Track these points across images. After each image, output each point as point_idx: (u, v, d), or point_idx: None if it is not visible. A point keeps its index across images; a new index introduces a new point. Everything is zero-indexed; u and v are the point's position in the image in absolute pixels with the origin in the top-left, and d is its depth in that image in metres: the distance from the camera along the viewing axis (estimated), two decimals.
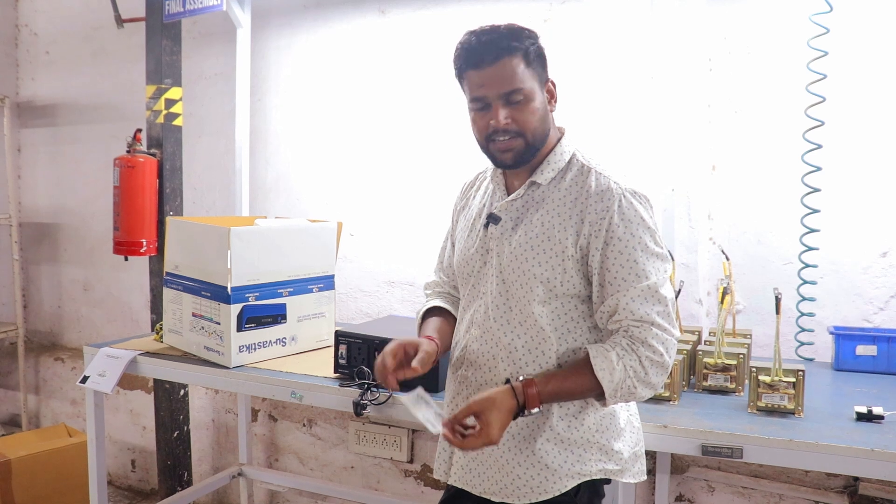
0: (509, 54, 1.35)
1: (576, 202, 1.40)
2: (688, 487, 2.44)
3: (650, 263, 1.35)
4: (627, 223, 1.35)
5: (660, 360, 1.34)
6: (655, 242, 1.37)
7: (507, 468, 1.43)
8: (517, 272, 1.42)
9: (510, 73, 1.35)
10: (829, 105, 2.18)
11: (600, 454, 1.43)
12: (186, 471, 3.22)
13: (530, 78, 1.38)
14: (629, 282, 1.34)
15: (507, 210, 1.47)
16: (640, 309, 1.34)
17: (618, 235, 1.35)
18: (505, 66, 1.35)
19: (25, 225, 3.96)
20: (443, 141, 2.80)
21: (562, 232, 1.39)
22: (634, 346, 1.33)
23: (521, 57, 1.36)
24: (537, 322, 1.40)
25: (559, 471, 1.41)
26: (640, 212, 1.37)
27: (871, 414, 1.68)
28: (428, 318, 1.64)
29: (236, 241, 2.11)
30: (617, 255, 1.35)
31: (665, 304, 1.35)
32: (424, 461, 2.89)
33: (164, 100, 3.00)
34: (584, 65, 2.54)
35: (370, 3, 2.93)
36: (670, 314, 1.36)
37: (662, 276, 1.36)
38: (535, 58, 1.38)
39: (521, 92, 1.37)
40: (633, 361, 1.33)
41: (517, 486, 1.42)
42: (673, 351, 1.36)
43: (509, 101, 1.37)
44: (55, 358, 3.91)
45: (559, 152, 1.45)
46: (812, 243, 2.24)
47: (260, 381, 2.10)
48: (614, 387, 1.33)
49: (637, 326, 1.34)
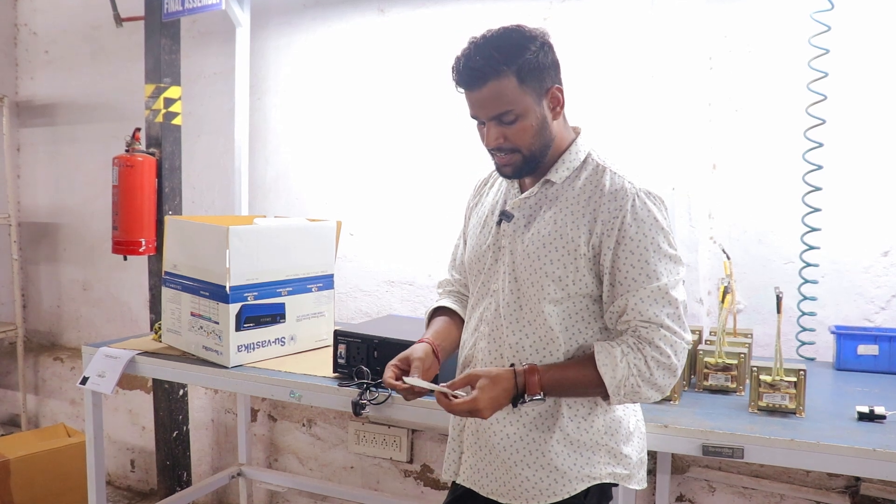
0: (497, 78, 1.32)
1: (589, 201, 1.38)
2: (688, 487, 2.44)
3: (662, 264, 1.34)
4: (640, 223, 1.34)
5: (666, 362, 1.32)
6: (669, 244, 1.36)
7: (516, 470, 1.42)
8: (529, 270, 1.41)
9: (498, 96, 1.33)
10: (830, 103, 2.17)
11: (609, 457, 1.43)
12: (186, 471, 3.22)
13: (523, 95, 1.34)
14: (639, 282, 1.33)
15: (520, 207, 1.46)
16: (650, 310, 1.33)
17: (630, 235, 1.34)
18: (492, 89, 1.33)
19: (24, 224, 3.95)
20: (442, 140, 2.79)
21: (574, 230, 1.37)
22: (641, 345, 1.33)
23: (512, 77, 1.32)
24: (547, 321, 1.40)
25: (568, 473, 1.40)
26: (653, 212, 1.35)
27: (872, 414, 1.68)
28: (434, 318, 1.65)
29: (235, 240, 2.10)
30: (628, 254, 1.34)
31: (676, 306, 1.34)
32: (424, 461, 2.89)
33: (163, 99, 3.00)
34: (584, 63, 2.53)
35: (369, 1, 2.92)
36: (681, 317, 1.35)
37: (674, 278, 1.35)
38: (530, 72, 1.33)
39: (512, 112, 1.34)
40: (637, 360, 1.32)
41: (525, 487, 1.42)
42: (682, 354, 1.35)
43: (501, 121, 1.36)
44: (54, 358, 3.90)
45: (574, 151, 1.44)
46: (813, 242, 2.23)
47: (259, 380, 2.09)
48: (617, 383, 1.32)
49: (645, 327, 1.33)
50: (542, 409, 1.41)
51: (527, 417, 1.42)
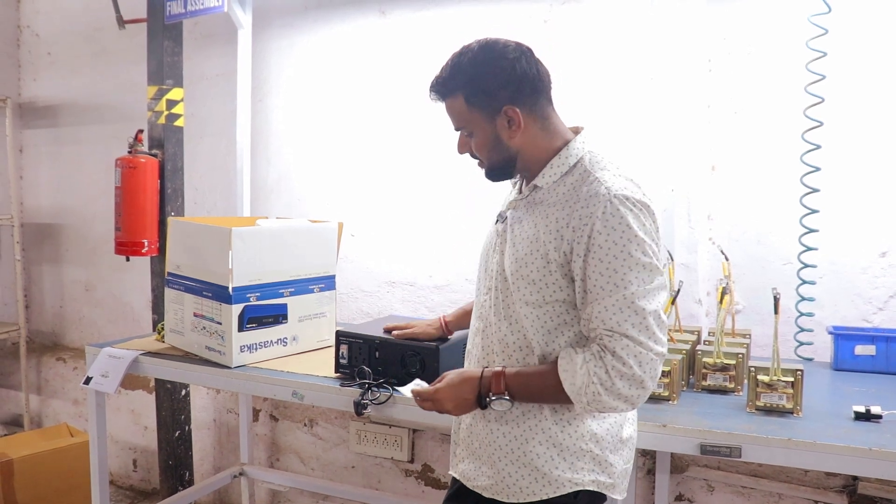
0: (450, 96, 1.45)
1: (565, 206, 1.38)
2: (687, 487, 2.45)
3: (632, 273, 1.31)
4: (610, 231, 1.31)
5: (629, 373, 1.30)
6: (643, 252, 1.31)
7: (499, 465, 1.46)
8: (512, 269, 1.43)
9: (454, 112, 1.47)
10: (827, 106, 2.19)
11: (594, 464, 1.43)
12: (188, 470, 3.23)
13: (472, 114, 1.43)
14: (606, 290, 1.31)
15: (512, 209, 1.50)
16: (612, 319, 1.31)
17: (598, 243, 1.32)
18: (449, 106, 1.47)
19: (27, 225, 3.97)
20: (443, 142, 2.79)
21: (547, 235, 1.38)
22: (603, 353, 1.32)
23: (460, 97, 1.43)
24: (522, 323, 1.42)
25: (549, 475, 1.42)
26: (626, 219, 1.31)
27: (869, 413, 1.69)
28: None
29: (238, 241, 2.12)
30: (597, 262, 1.32)
31: (643, 315, 1.30)
32: (425, 461, 2.90)
33: (165, 100, 3.01)
34: (583, 65, 2.55)
35: (371, 3, 2.94)
36: (649, 327, 1.31)
37: (644, 287, 1.31)
38: (478, 94, 1.41)
39: (467, 129, 1.47)
40: (598, 368, 1.31)
41: (507, 484, 1.45)
42: (649, 365, 1.31)
43: (463, 134, 1.49)
44: (57, 358, 3.92)
45: (564, 156, 1.43)
46: (811, 243, 2.25)
47: (261, 380, 2.11)
48: (577, 390, 1.33)
49: (609, 336, 1.31)
50: (526, 409, 1.43)
51: (510, 416, 1.45)
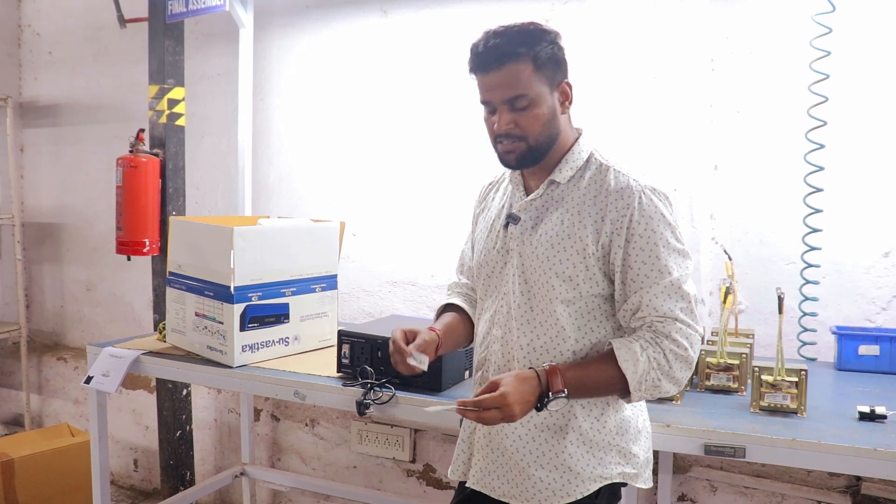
0: (515, 60, 1.35)
1: (595, 200, 1.39)
2: (690, 487, 2.44)
3: (672, 259, 1.36)
4: (648, 220, 1.36)
5: (684, 355, 1.34)
6: (676, 239, 1.38)
7: (529, 471, 1.43)
8: (538, 271, 1.41)
9: (515, 79, 1.36)
10: (831, 105, 2.18)
11: (620, 457, 1.44)
12: (189, 470, 3.23)
13: (538, 82, 1.37)
14: (652, 278, 1.35)
15: (526, 209, 1.47)
16: (664, 305, 1.34)
17: (639, 233, 1.35)
18: (510, 72, 1.36)
19: (28, 225, 3.97)
20: (445, 141, 2.80)
21: (582, 230, 1.39)
22: (658, 339, 1.34)
23: (528, 62, 1.36)
24: (558, 321, 1.40)
25: (582, 474, 1.41)
26: (660, 208, 1.37)
27: (873, 413, 1.68)
28: (442, 314, 1.67)
29: (239, 240, 2.11)
30: (639, 252, 1.36)
31: (688, 300, 1.36)
32: (427, 461, 2.90)
33: (166, 100, 3.01)
34: (586, 65, 2.54)
35: (372, 3, 2.93)
36: (693, 310, 1.37)
37: (685, 273, 1.37)
38: (546, 61, 1.38)
39: (526, 98, 1.37)
40: (657, 354, 1.33)
41: (539, 489, 1.42)
42: (697, 346, 1.37)
43: (514, 107, 1.37)
44: (58, 358, 3.91)
45: (577, 151, 1.45)
46: (815, 243, 2.24)
47: (263, 380, 2.10)
48: (638, 378, 1.33)
49: (661, 322, 1.34)
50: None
51: (538, 418, 1.42)
